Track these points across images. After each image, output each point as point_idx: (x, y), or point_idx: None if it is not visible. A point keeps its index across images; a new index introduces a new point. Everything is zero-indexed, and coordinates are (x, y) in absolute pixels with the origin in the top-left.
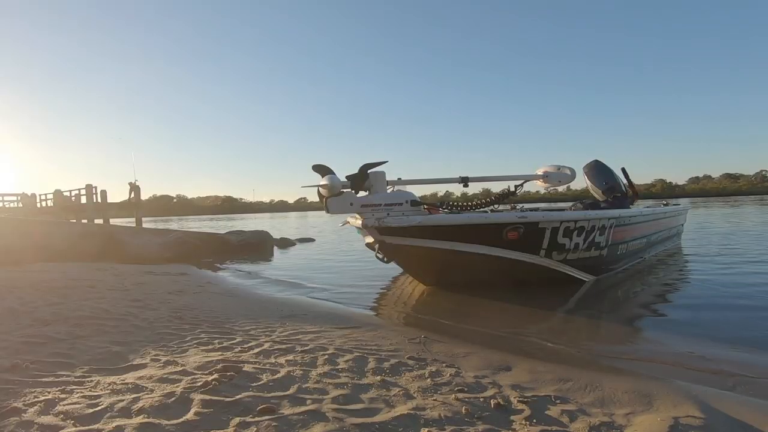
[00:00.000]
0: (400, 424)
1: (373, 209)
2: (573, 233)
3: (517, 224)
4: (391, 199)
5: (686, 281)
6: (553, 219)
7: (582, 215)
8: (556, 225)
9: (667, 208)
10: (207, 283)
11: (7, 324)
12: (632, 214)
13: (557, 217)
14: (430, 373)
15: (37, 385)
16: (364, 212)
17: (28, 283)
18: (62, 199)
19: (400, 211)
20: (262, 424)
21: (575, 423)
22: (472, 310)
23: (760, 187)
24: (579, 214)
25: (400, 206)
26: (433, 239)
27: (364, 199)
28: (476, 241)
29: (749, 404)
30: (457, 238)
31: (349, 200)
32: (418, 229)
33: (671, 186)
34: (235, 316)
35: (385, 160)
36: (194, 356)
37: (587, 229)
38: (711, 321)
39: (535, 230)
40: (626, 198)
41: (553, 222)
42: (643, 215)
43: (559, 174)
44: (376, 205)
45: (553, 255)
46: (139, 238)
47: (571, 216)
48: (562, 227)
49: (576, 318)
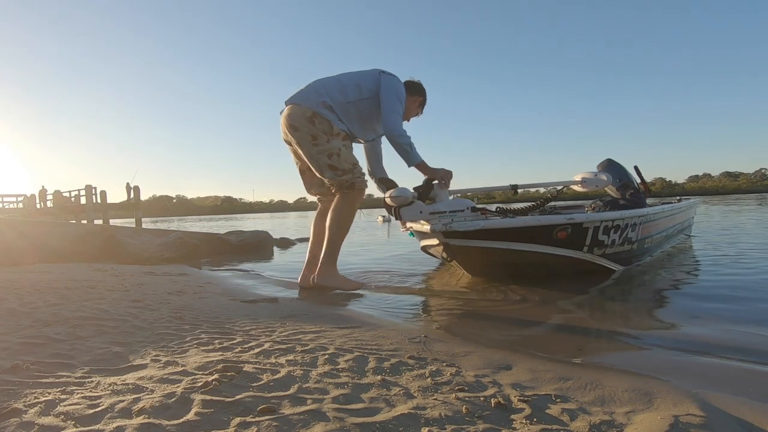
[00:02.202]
0: (401, 423)
1: (440, 216)
2: (610, 231)
3: (566, 225)
4: (454, 207)
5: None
6: (595, 219)
7: (618, 215)
8: (597, 224)
9: (681, 204)
10: (207, 283)
11: (7, 325)
12: (656, 211)
13: (598, 217)
14: (431, 372)
15: (37, 385)
16: (432, 219)
17: (27, 284)
18: (61, 199)
19: (462, 217)
20: (263, 424)
21: (576, 422)
22: (476, 306)
23: (759, 186)
24: (616, 214)
25: (462, 212)
26: (493, 240)
27: (431, 207)
28: (530, 241)
29: (750, 403)
30: (513, 239)
31: (419, 209)
32: (480, 232)
33: (671, 184)
34: (235, 316)
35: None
36: (194, 356)
37: (622, 227)
38: (713, 318)
39: (580, 230)
40: (642, 195)
41: (595, 222)
42: (664, 212)
43: (596, 179)
44: (441, 212)
45: (594, 250)
46: (138, 239)
47: (609, 216)
48: (602, 226)
49: (577, 318)
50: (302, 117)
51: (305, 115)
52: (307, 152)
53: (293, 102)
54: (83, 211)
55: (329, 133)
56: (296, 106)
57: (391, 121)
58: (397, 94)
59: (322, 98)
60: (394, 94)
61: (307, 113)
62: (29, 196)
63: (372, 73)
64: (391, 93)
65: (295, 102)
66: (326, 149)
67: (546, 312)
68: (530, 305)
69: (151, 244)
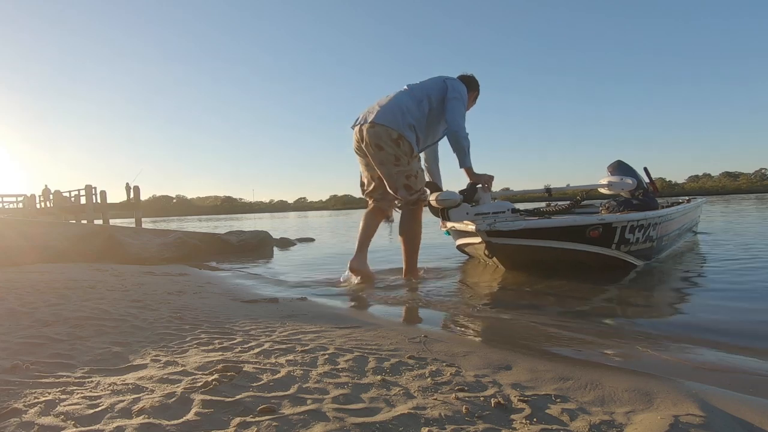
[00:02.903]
0: (401, 423)
1: (483, 217)
2: (635, 230)
3: (597, 225)
4: (497, 209)
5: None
6: (622, 220)
7: (642, 216)
8: (624, 224)
9: (691, 204)
10: (207, 283)
11: (7, 325)
12: (672, 212)
13: (625, 218)
14: (431, 372)
15: (37, 385)
16: (477, 219)
17: (27, 284)
18: (61, 199)
19: (504, 218)
20: (263, 424)
21: (576, 422)
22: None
23: (759, 186)
24: (640, 215)
25: (503, 214)
26: (532, 239)
27: (476, 209)
28: (566, 239)
29: (750, 403)
30: (551, 238)
31: (465, 210)
32: (521, 231)
33: (671, 184)
34: (235, 316)
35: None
36: (194, 356)
37: (645, 226)
38: (714, 317)
39: (609, 229)
40: (653, 195)
41: (623, 222)
42: (678, 212)
43: (621, 183)
44: (485, 214)
45: (621, 247)
46: (138, 239)
47: (635, 216)
48: (628, 225)
49: (578, 319)
50: (389, 138)
51: (391, 137)
52: (386, 171)
53: (380, 122)
54: (83, 211)
55: (410, 155)
56: (383, 127)
57: (457, 123)
58: (462, 99)
59: (406, 119)
60: (460, 98)
61: (393, 135)
62: (29, 196)
63: (437, 81)
64: (458, 97)
65: (381, 123)
66: (406, 171)
67: (546, 312)
68: (531, 305)
69: (151, 244)
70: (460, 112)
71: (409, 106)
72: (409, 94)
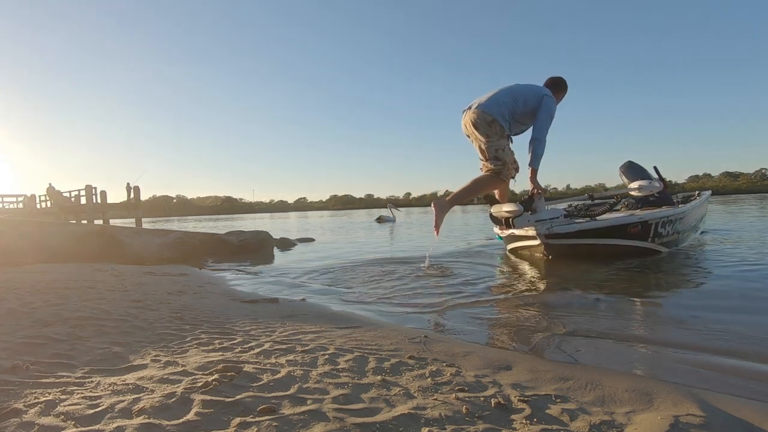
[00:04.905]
0: (401, 423)
1: (542, 223)
2: (666, 225)
3: (637, 223)
4: (552, 215)
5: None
6: (656, 217)
7: (671, 212)
8: (658, 221)
9: (702, 198)
10: (207, 283)
11: (7, 325)
12: (692, 207)
13: (658, 215)
14: (431, 372)
15: (37, 386)
16: (537, 225)
17: (27, 284)
18: (61, 199)
19: (558, 223)
20: (263, 424)
21: (576, 422)
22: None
23: (759, 186)
24: (669, 212)
25: (558, 219)
26: (584, 238)
27: (535, 216)
28: (611, 236)
29: (750, 403)
30: (600, 236)
31: (527, 218)
32: (576, 232)
33: (671, 184)
34: (235, 316)
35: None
36: (194, 356)
37: (673, 221)
38: (713, 318)
39: (647, 225)
40: (667, 192)
41: (656, 219)
42: (695, 207)
43: (650, 185)
44: (543, 220)
45: (655, 240)
46: (138, 239)
47: (665, 213)
48: (660, 221)
49: (578, 319)
50: (484, 121)
51: (486, 120)
52: (484, 144)
53: (481, 109)
54: (83, 211)
55: (500, 135)
56: (483, 112)
57: (542, 133)
58: (551, 115)
59: (501, 109)
60: (549, 115)
61: (488, 118)
62: (29, 196)
63: (536, 93)
64: (547, 113)
65: (482, 109)
66: (495, 145)
67: (547, 312)
68: (531, 306)
69: (151, 244)
70: (546, 126)
71: (506, 99)
72: (510, 90)
